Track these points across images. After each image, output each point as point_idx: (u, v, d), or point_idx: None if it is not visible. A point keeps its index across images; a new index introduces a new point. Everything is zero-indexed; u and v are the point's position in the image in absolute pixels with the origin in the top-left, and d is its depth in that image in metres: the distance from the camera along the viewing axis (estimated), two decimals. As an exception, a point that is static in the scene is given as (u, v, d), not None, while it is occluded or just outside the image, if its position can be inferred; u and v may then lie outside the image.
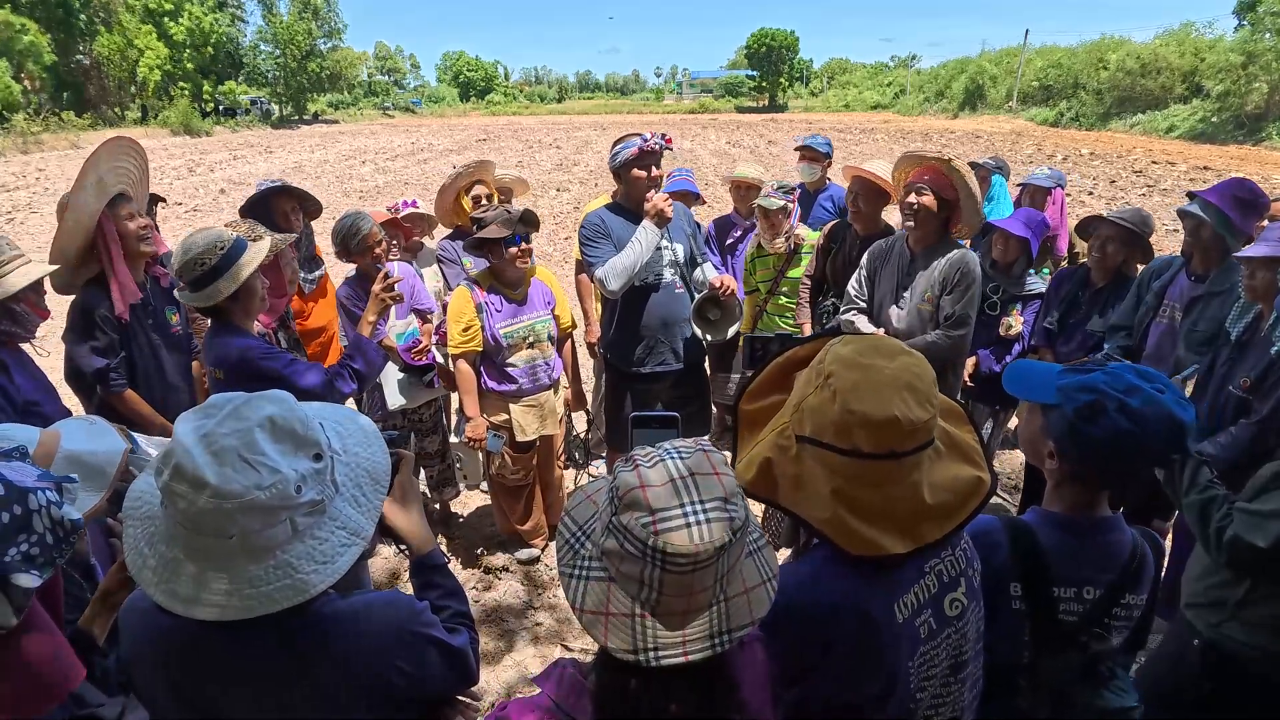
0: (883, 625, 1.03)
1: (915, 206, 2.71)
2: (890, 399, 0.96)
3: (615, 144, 2.97)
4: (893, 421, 0.95)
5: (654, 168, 2.88)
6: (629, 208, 2.97)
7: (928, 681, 1.10)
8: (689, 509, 0.81)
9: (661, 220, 2.84)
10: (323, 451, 1.00)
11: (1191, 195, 2.63)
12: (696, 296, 3.07)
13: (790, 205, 3.57)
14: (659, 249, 2.95)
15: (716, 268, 3.52)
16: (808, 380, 1.06)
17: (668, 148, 2.92)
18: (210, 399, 1.01)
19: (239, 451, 0.92)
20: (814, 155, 4.27)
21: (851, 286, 3.08)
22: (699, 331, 3.05)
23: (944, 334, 2.74)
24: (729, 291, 2.95)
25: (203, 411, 0.98)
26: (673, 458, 0.86)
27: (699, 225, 3.38)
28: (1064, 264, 4.42)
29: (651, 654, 0.83)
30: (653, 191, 2.86)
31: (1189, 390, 2.36)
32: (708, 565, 0.82)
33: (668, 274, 3.02)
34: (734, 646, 0.86)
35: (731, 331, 3.18)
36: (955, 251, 2.76)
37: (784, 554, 3.00)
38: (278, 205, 3.31)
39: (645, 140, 2.81)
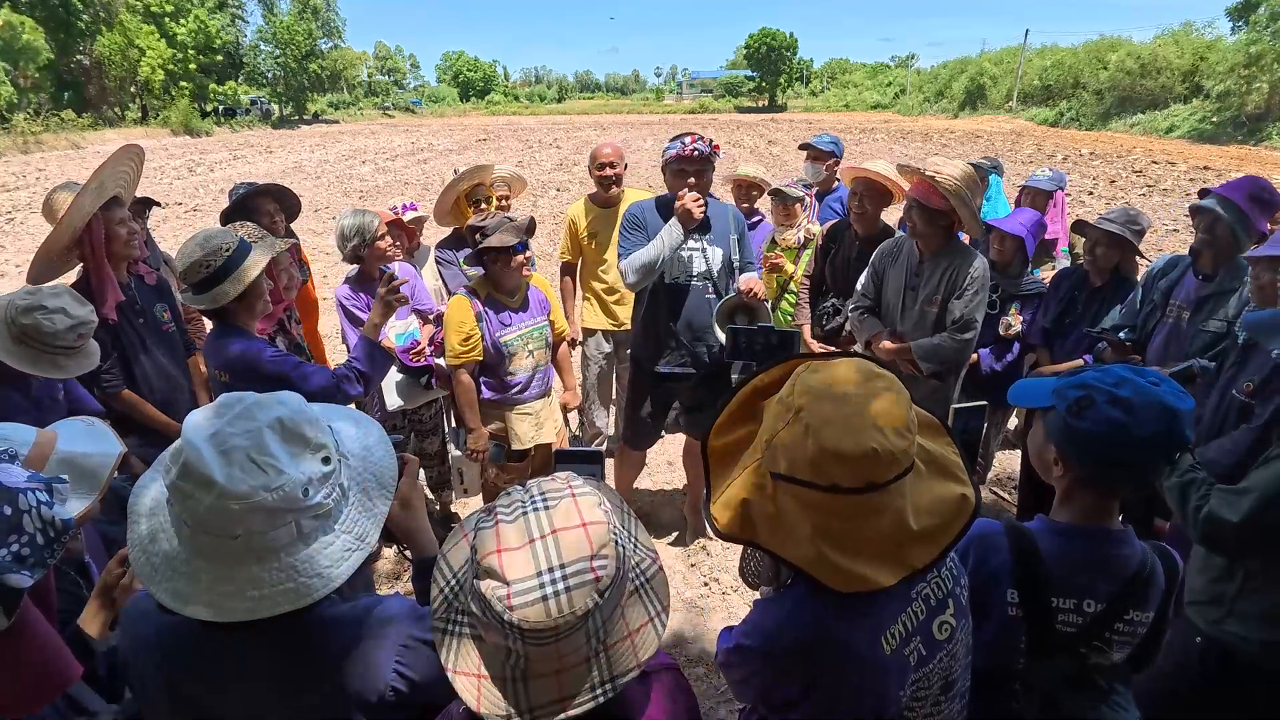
0: (868, 659, 1.00)
1: (911, 222, 2.79)
2: (866, 432, 0.92)
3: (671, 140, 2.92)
4: (871, 455, 0.91)
5: (699, 172, 2.82)
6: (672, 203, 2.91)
7: (918, 703, 1.08)
8: (547, 578, 0.77)
9: (688, 220, 2.79)
10: (331, 455, 1.00)
11: (1205, 192, 2.60)
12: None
13: (807, 198, 3.60)
14: (689, 250, 2.92)
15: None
16: (778, 414, 1.01)
17: (715, 154, 2.86)
18: (221, 398, 1.00)
19: (248, 452, 0.91)
20: (817, 154, 4.10)
21: (859, 284, 3.09)
22: (721, 336, 2.96)
23: (950, 336, 2.75)
24: (754, 294, 2.89)
25: (213, 410, 0.97)
26: (536, 510, 0.82)
27: (748, 231, 3.21)
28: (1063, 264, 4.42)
29: (527, 715, 0.80)
30: (684, 191, 2.80)
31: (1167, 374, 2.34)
32: (573, 631, 0.79)
33: (697, 276, 2.96)
34: (635, 682, 0.83)
35: None
36: (965, 256, 2.78)
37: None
38: (259, 206, 3.25)
39: (685, 146, 2.79)
